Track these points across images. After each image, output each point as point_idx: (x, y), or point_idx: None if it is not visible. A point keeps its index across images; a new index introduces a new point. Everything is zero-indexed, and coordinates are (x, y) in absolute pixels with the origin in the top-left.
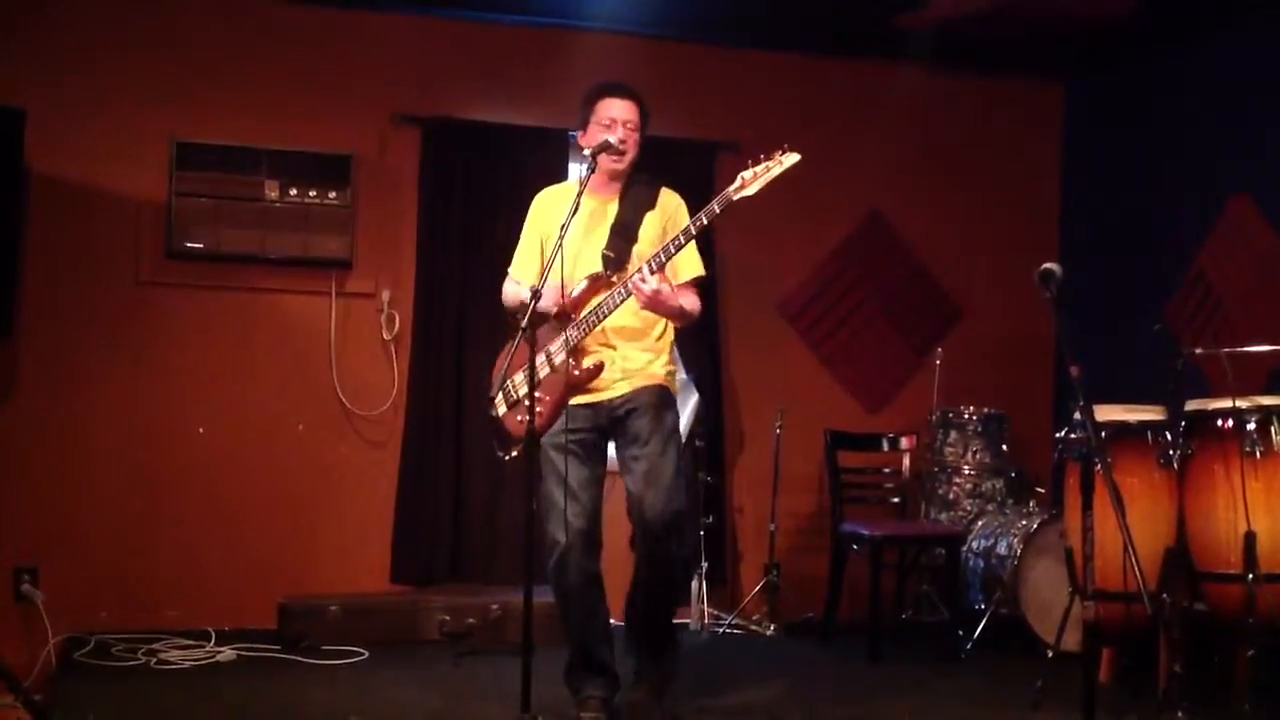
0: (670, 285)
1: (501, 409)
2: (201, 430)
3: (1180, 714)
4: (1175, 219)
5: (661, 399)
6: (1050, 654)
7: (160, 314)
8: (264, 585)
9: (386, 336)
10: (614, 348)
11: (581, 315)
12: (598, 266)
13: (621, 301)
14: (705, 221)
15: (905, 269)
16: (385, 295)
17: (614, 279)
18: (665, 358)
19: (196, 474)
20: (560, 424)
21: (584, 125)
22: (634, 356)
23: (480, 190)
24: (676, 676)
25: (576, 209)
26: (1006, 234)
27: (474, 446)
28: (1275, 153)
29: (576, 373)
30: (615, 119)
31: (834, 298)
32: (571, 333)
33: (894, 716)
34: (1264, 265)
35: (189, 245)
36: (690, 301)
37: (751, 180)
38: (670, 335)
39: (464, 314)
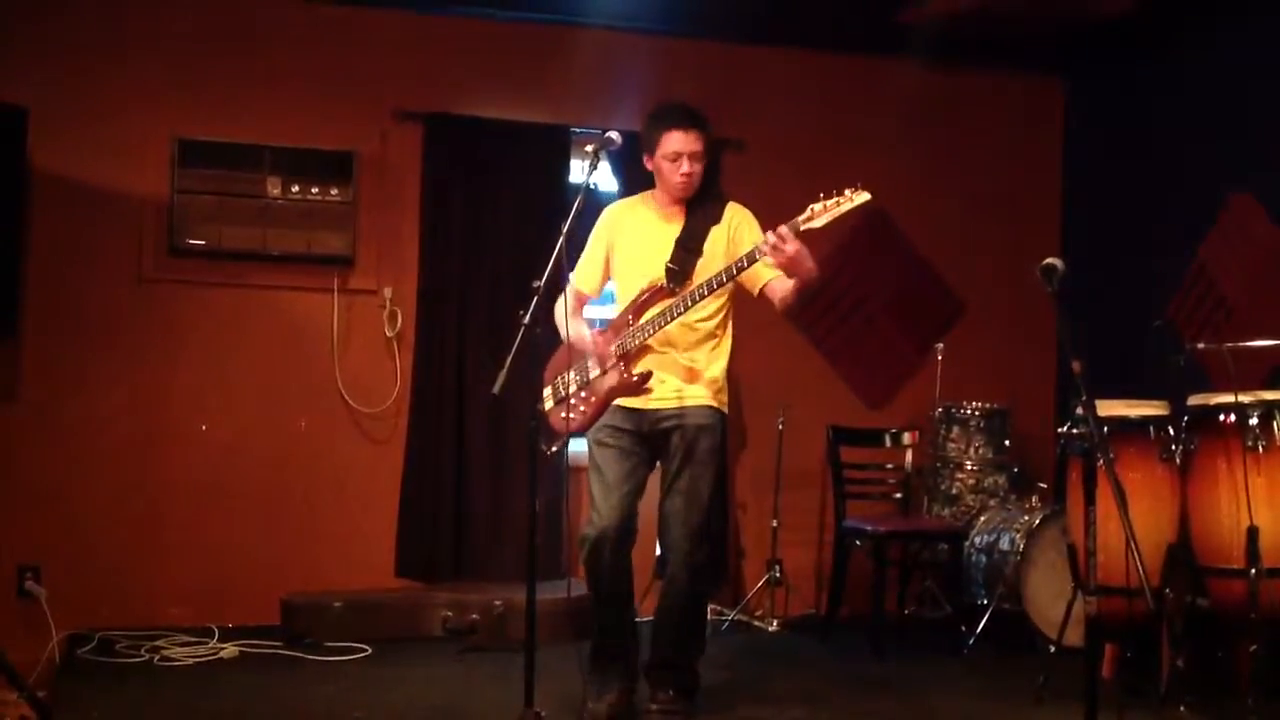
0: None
1: (549, 404)
2: (204, 427)
3: (1182, 709)
4: (1177, 214)
5: (707, 421)
6: (1053, 649)
7: (162, 311)
8: (267, 582)
9: (389, 333)
10: (672, 350)
11: (640, 323)
12: (659, 275)
13: (681, 314)
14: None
15: (907, 264)
16: (387, 292)
17: (675, 291)
18: (722, 363)
19: (199, 471)
20: (604, 419)
21: (649, 150)
22: (694, 359)
23: (482, 186)
24: (699, 687)
25: (582, 210)
26: (1009, 229)
27: (477, 443)
28: (1277, 148)
29: (627, 377)
30: (681, 153)
31: (836, 293)
32: (627, 339)
33: (897, 712)
34: (1266, 261)
35: (191, 242)
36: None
37: (821, 213)
38: (729, 340)
39: (466, 310)
